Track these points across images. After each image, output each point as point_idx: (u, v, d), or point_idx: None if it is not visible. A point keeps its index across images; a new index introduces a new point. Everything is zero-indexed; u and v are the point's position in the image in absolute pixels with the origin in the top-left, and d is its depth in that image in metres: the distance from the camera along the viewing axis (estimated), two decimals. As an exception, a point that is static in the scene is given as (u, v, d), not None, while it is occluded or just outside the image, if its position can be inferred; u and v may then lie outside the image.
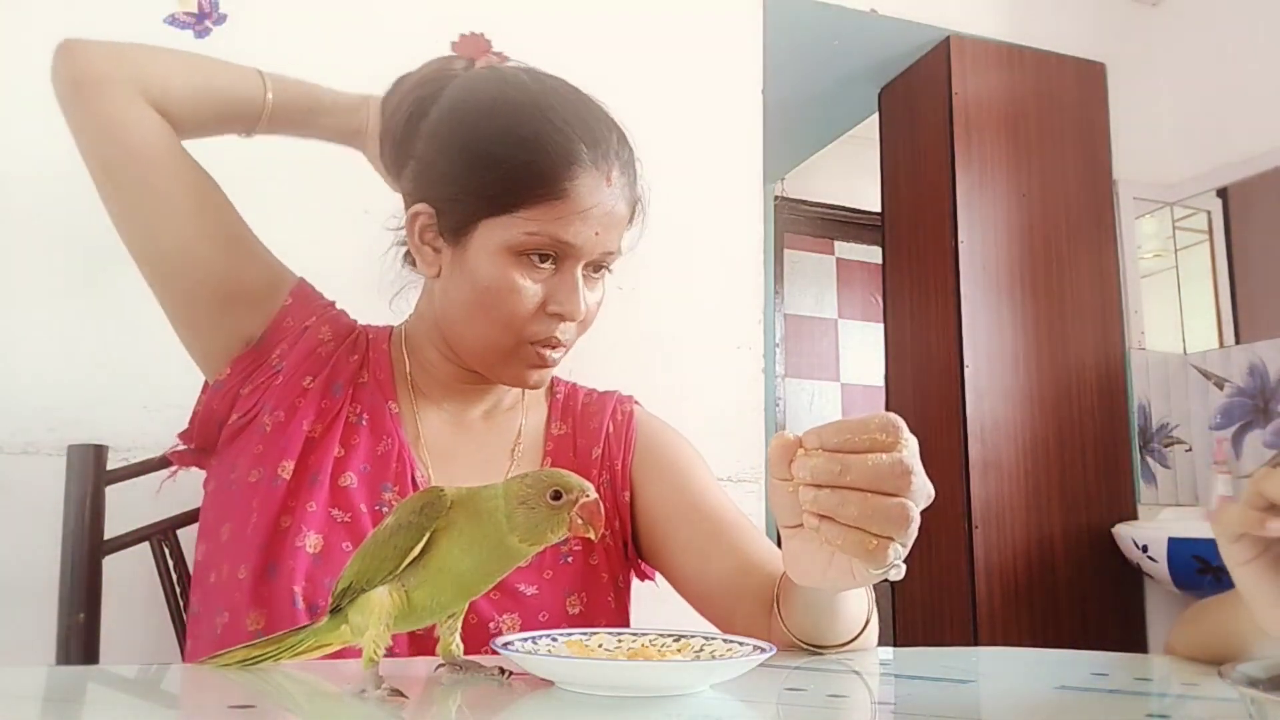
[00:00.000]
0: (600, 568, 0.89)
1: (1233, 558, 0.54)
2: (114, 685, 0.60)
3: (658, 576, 0.96)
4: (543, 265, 0.83)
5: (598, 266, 0.87)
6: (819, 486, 0.55)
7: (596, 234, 0.83)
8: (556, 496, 0.56)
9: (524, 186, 0.80)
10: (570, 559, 0.87)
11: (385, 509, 0.84)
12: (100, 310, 1.43)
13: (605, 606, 0.88)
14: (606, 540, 0.91)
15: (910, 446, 0.55)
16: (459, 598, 0.58)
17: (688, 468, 0.95)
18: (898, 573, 0.56)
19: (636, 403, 1.01)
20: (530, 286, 0.83)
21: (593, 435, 0.95)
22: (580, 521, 0.56)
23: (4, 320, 1.42)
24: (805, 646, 0.74)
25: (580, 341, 0.91)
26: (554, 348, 0.87)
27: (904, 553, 0.55)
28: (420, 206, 0.87)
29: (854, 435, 0.55)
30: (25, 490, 1.30)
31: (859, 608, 0.73)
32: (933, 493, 0.56)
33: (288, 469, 0.83)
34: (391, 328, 0.98)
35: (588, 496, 0.57)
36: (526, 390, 0.97)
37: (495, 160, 0.81)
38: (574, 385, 1.02)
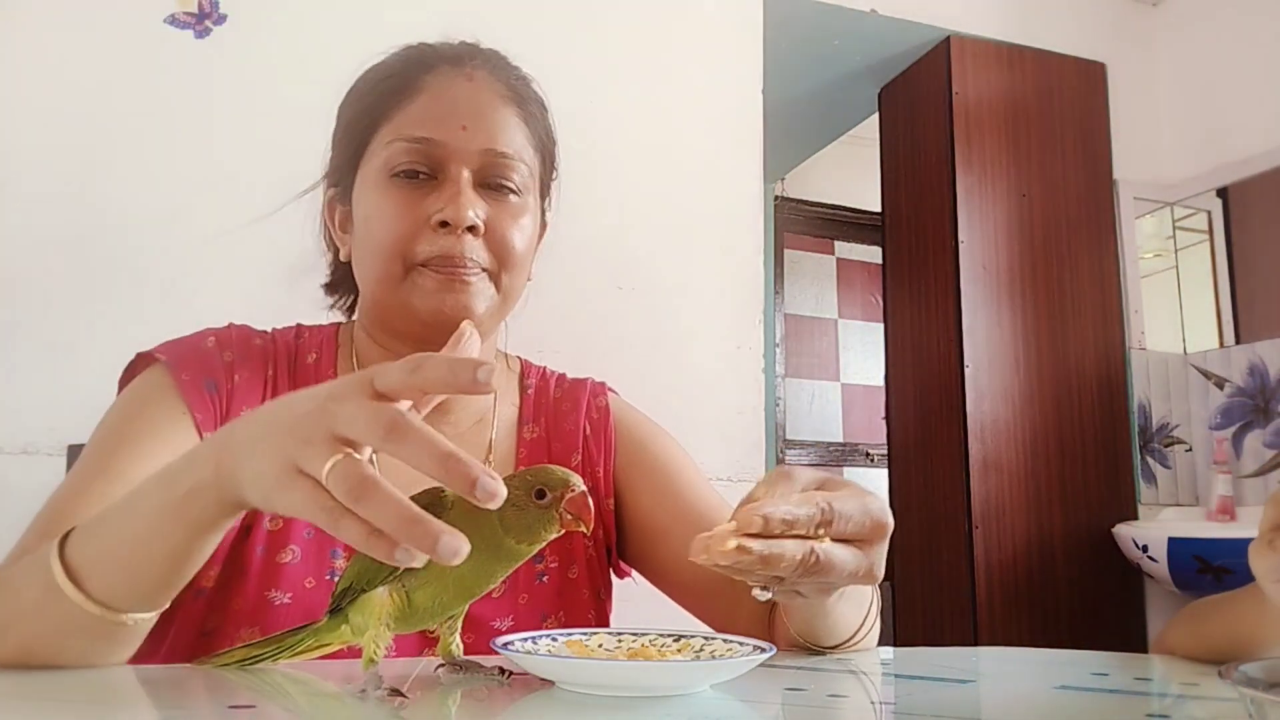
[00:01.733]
0: (580, 582, 0.84)
1: (1267, 576, 0.58)
2: (114, 685, 0.60)
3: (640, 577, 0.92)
4: (421, 181, 0.78)
5: (492, 179, 0.80)
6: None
7: (464, 128, 0.78)
8: (540, 495, 0.55)
9: (381, 99, 0.80)
10: (546, 578, 0.82)
11: (335, 576, 0.75)
12: (100, 311, 1.43)
13: (584, 621, 0.84)
14: (589, 550, 0.86)
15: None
16: (459, 599, 0.58)
17: (674, 468, 0.89)
18: (764, 595, 0.59)
19: (611, 390, 0.94)
20: (405, 204, 0.77)
21: (569, 438, 0.88)
22: (570, 517, 0.55)
23: (5, 321, 1.42)
24: (808, 645, 0.73)
25: (581, 341, 0.89)
26: (456, 265, 0.77)
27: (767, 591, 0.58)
28: (330, 193, 0.86)
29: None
30: (25, 490, 1.30)
31: (857, 605, 0.73)
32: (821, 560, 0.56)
33: (210, 578, 0.74)
34: (338, 334, 0.88)
35: (573, 491, 0.55)
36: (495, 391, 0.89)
37: (356, 100, 0.83)
38: (545, 371, 0.94)
